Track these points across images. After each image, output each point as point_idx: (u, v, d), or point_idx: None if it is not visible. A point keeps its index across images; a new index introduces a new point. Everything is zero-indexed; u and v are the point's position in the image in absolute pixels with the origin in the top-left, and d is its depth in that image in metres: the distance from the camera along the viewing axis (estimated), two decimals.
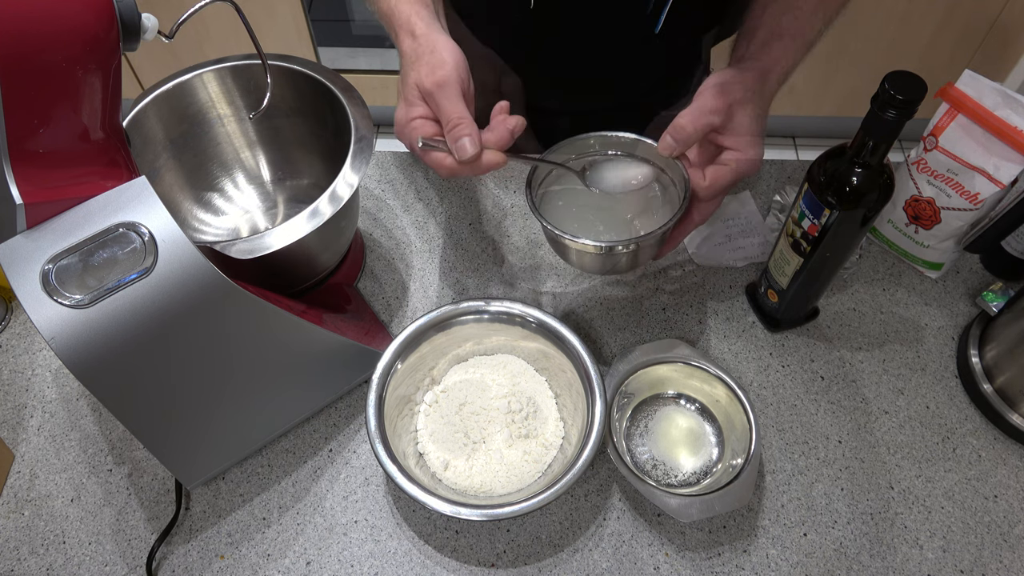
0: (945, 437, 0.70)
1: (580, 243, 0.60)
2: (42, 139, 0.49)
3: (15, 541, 0.65)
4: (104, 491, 0.68)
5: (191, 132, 0.76)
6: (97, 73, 0.50)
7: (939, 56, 1.82)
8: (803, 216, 0.63)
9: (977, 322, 0.74)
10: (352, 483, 0.68)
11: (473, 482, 0.65)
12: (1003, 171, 0.68)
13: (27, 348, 0.76)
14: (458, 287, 0.80)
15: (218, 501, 0.67)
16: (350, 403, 0.72)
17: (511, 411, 0.68)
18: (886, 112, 0.53)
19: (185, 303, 0.52)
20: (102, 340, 0.50)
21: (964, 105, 0.69)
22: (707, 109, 0.58)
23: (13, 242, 0.50)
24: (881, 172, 0.59)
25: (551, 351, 0.69)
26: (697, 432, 0.68)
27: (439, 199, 0.87)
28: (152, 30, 0.52)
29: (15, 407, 0.72)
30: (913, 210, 0.76)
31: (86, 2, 0.47)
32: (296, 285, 0.73)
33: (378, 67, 1.92)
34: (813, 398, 0.72)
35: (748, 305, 0.78)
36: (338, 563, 0.64)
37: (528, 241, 0.83)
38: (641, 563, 0.63)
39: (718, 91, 0.58)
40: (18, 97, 0.46)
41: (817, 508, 0.66)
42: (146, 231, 0.51)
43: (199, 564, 0.64)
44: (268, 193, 0.83)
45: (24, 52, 0.45)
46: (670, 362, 0.68)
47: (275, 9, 1.75)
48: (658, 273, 0.81)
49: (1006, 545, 0.64)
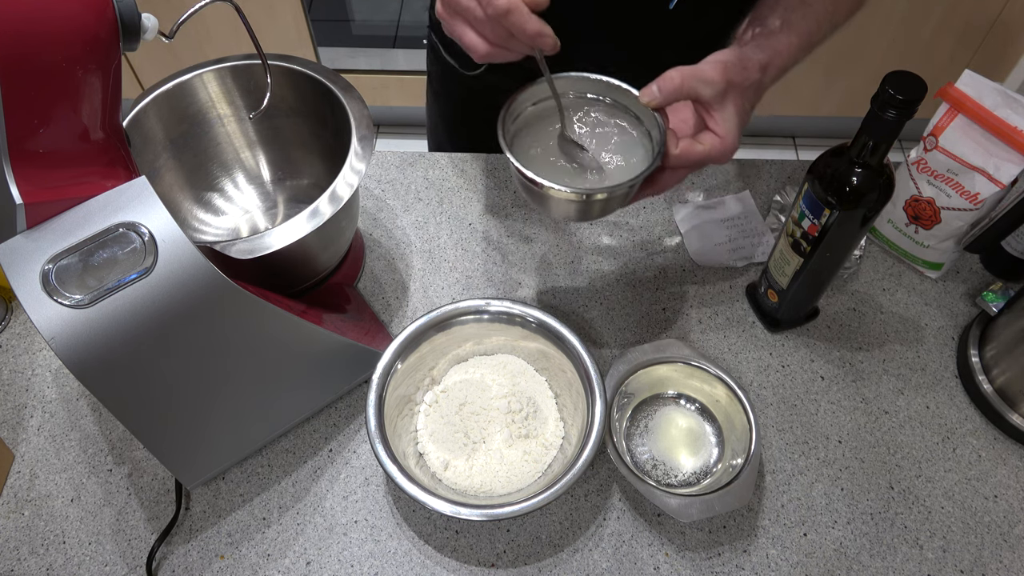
0: (945, 437, 0.70)
1: (557, 190, 0.56)
2: (42, 139, 0.49)
3: (15, 541, 0.65)
4: (104, 491, 0.68)
5: (191, 132, 0.76)
6: (97, 73, 0.50)
7: (939, 56, 1.82)
8: (803, 216, 0.63)
9: (977, 322, 0.74)
10: (352, 483, 0.68)
11: (473, 482, 0.65)
12: (1003, 171, 0.68)
13: (27, 348, 0.76)
14: (458, 287, 0.80)
15: (218, 501, 0.67)
16: (350, 403, 0.72)
17: (511, 411, 0.68)
18: (886, 112, 0.53)
19: (185, 303, 0.52)
20: (102, 340, 0.50)
21: (964, 105, 0.69)
22: (702, 76, 0.56)
23: (13, 242, 0.50)
24: (881, 172, 0.59)
25: (551, 351, 0.69)
26: (697, 432, 0.68)
27: (439, 199, 0.87)
28: (152, 30, 0.52)
29: (15, 407, 0.72)
30: (913, 210, 0.76)
31: (86, 2, 0.47)
32: (296, 285, 0.73)
33: (378, 67, 1.92)
34: (813, 398, 0.72)
35: (748, 305, 0.78)
36: (338, 563, 0.64)
37: (528, 241, 0.83)
38: (641, 563, 0.63)
39: (720, 67, 0.57)
40: (18, 97, 0.46)
41: (817, 508, 0.66)
42: (146, 231, 0.51)
43: (199, 564, 0.64)
44: (268, 193, 0.83)
45: (24, 52, 0.45)
46: (670, 362, 0.68)
47: (275, 9, 1.75)
48: (658, 273, 0.81)
49: (1006, 545, 0.64)
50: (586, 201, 0.59)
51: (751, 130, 2.20)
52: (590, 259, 0.82)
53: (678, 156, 0.58)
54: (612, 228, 0.84)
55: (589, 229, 0.84)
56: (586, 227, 0.84)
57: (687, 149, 0.58)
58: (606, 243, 0.83)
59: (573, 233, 0.84)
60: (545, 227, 0.84)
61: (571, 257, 0.82)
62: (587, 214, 0.63)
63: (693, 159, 0.58)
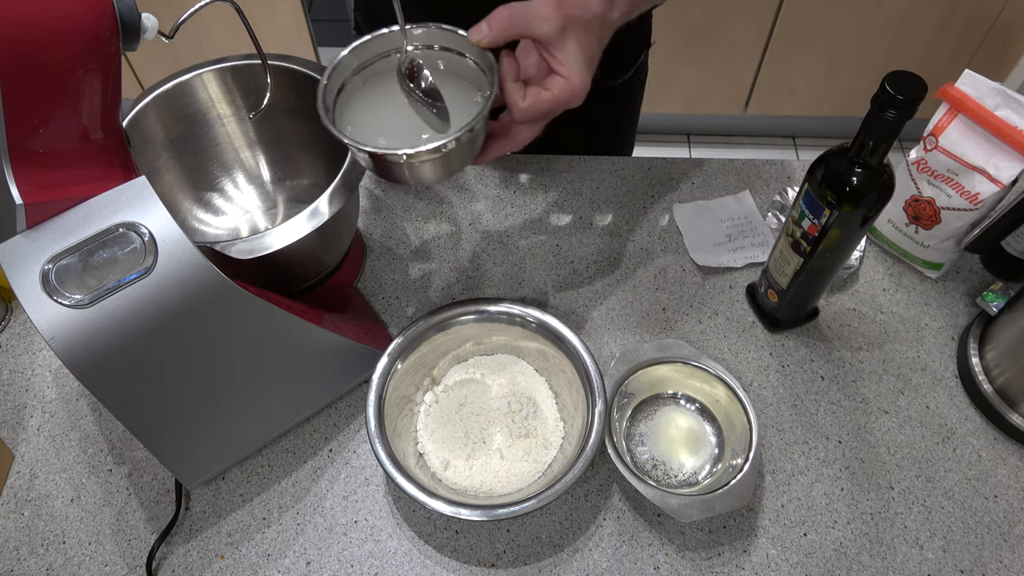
0: (945, 437, 0.70)
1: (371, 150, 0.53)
2: (42, 139, 0.49)
3: (15, 541, 0.65)
4: (104, 491, 0.68)
5: (191, 132, 0.76)
6: (97, 73, 0.50)
7: (939, 56, 1.82)
8: (803, 216, 0.63)
9: (977, 322, 0.74)
10: (352, 483, 0.68)
11: (473, 482, 0.65)
12: (1003, 171, 0.68)
13: (27, 348, 0.76)
14: (458, 287, 0.80)
15: (218, 501, 0.67)
16: (350, 403, 0.72)
17: (511, 411, 0.68)
18: (886, 112, 0.53)
19: (185, 303, 0.52)
20: (102, 340, 0.50)
21: (964, 105, 0.69)
22: (535, 12, 0.53)
23: (13, 242, 0.50)
24: (881, 172, 0.59)
25: (551, 351, 0.69)
26: (697, 432, 0.68)
27: (439, 199, 0.87)
28: (152, 30, 0.52)
29: (15, 407, 0.72)
30: (913, 210, 0.76)
31: (86, 2, 0.47)
32: (296, 285, 0.73)
33: None
34: (813, 398, 0.72)
35: (748, 305, 0.78)
36: (338, 563, 0.64)
37: (529, 240, 0.83)
38: (641, 563, 0.63)
39: (555, 3, 0.53)
40: (18, 97, 0.46)
41: (817, 508, 0.66)
42: (146, 231, 0.51)
43: (199, 564, 0.64)
44: (268, 193, 0.83)
45: (24, 52, 0.45)
46: (670, 362, 0.68)
47: (275, 9, 1.75)
48: (658, 273, 0.81)
49: (1006, 545, 0.64)
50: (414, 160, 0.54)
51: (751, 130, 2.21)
52: (590, 259, 0.82)
53: (527, 109, 0.54)
54: (612, 228, 0.84)
55: (588, 229, 0.84)
56: (586, 227, 0.84)
57: (535, 99, 0.54)
58: (606, 243, 0.83)
59: (573, 233, 0.84)
60: (545, 227, 0.84)
61: (571, 257, 0.82)
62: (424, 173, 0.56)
63: (543, 108, 0.55)
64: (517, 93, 0.55)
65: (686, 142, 2.22)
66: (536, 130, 0.58)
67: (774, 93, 1.97)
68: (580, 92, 0.55)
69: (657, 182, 0.88)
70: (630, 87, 0.95)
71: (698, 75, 1.93)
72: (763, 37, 1.82)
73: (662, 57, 1.86)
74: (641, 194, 0.87)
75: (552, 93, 0.54)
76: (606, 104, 0.95)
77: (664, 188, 0.88)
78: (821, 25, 1.76)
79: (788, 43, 1.82)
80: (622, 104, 0.97)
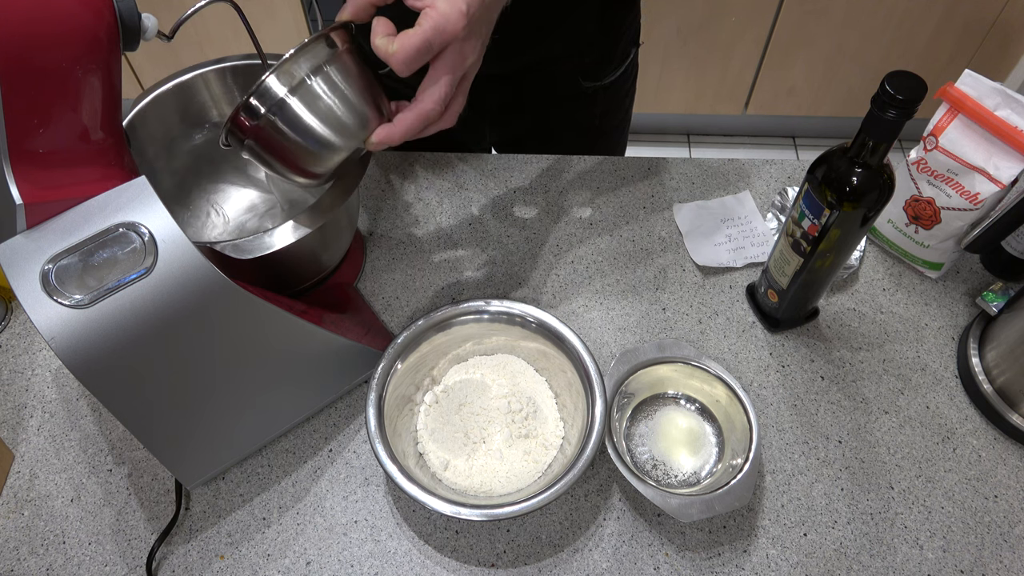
0: (945, 437, 0.70)
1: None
2: (42, 139, 0.49)
3: (15, 541, 0.65)
4: (104, 491, 0.68)
5: (191, 132, 0.76)
6: (97, 73, 0.50)
7: (939, 56, 1.82)
8: (803, 216, 0.63)
9: (977, 322, 0.74)
10: (352, 483, 0.68)
11: (473, 482, 0.65)
12: (1003, 171, 0.68)
13: (27, 348, 0.76)
14: (458, 287, 0.80)
15: (218, 501, 0.67)
16: (350, 403, 0.72)
17: (511, 411, 0.68)
18: (886, 112, 0.53)
19: (185, 303, 0.52)
20: (102, 340, 0.50)
21: (964, 105, 0.69)
22: None
23: (13, 242, 0.50)
24: (881, 172, 0.59)
25: (551, 351, 0.69)
26: (697, 432, 0.68)
27: (439, 199, 0.87)
28: (152, 30, 0.52)
29: (15, 407, 0.72)
30: (913, 210, 0.76)
31: (86, 2, 0.47)
32: (296, 285, 0.73)
33: None
34: (813, 398, 0.72)
35: (748, 305, 0.78)
36: (338, 563, 0.64)
37: (529, 240, 0.83)
38: (641, 563, 0.63)
39: None
40: (18, 97, 0.46)
41: (817, 508, 0.66)
42: (146, 231, 0.51)
43: (199, 564, 0.64)
44: (268, 193, 0.83)
45: (24, 52, 0.45)
46: (670, 362, 0.68)
47: (275, 9, 1.75)
48: (658, 273, 0.81)
49: (1006, 545, 0.64)
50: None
51: (751, 130, 2.21)
52: (590, 259, 0.82)
53: (399, 52, 0.51)
54: (612, 228, 0.84)
55: (588, 229, 0.84)
56: (585, 227, 0.84)
57: (404, 38, 0.51)
58: (606, 243, 0.83)
59: (573, 233, 0.84)
60: (545, 227, 0.84)
61: (571, 257, 0.82)
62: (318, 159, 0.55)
63: (414, 44, 0.50)
64: (388, 45, 0.51)
65: (686, 142, 2.22)
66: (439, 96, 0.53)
67: (774, 93, 1.97)
68: (452, 14, 0.50)
69: (657, 182, 0.88)
70: (620, 86, 0.95)
71: (698, 75, 1.93)
72: (763, 37, 1.82)
73: (662, 57, 1.86)
74: (641, 194, 0.87)
75: (421, 27, 0.51)
76: (596, 104, 0.95)
77: (664, 188, 0.88)
78: (821, 25, 1.76)
79: (788, 43, 1.82)
80: (612, 103, 0.97)
